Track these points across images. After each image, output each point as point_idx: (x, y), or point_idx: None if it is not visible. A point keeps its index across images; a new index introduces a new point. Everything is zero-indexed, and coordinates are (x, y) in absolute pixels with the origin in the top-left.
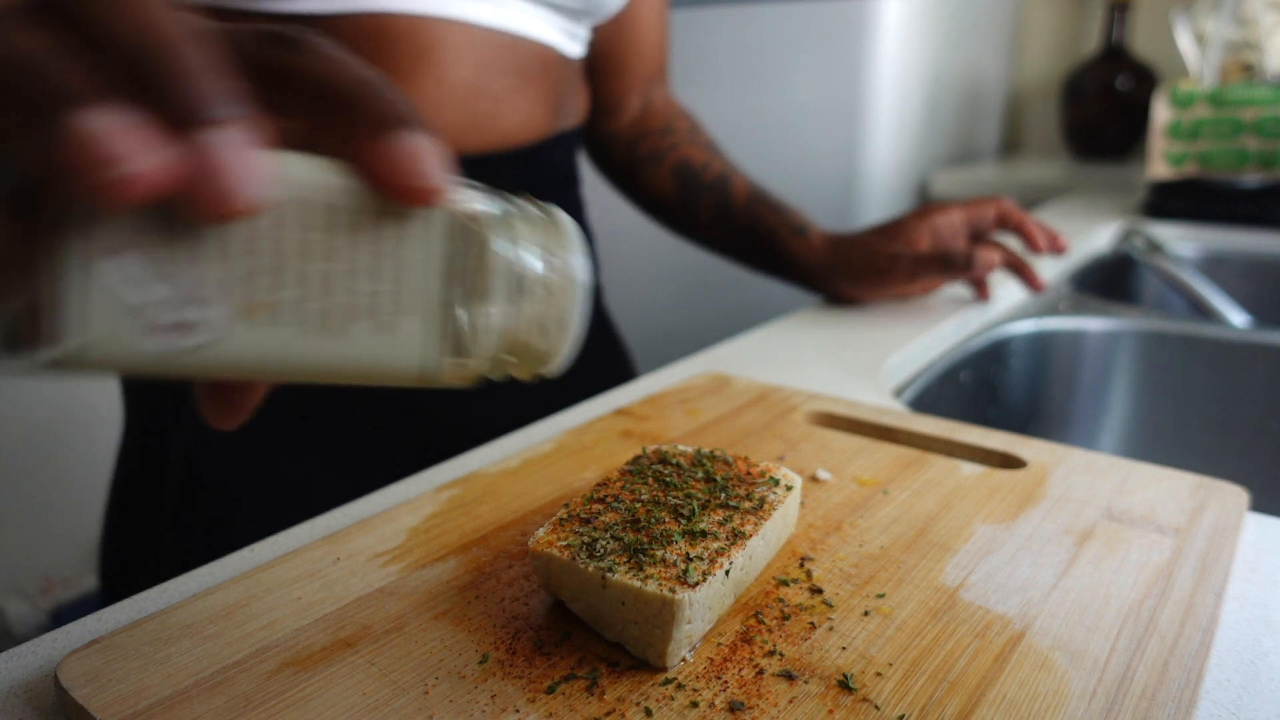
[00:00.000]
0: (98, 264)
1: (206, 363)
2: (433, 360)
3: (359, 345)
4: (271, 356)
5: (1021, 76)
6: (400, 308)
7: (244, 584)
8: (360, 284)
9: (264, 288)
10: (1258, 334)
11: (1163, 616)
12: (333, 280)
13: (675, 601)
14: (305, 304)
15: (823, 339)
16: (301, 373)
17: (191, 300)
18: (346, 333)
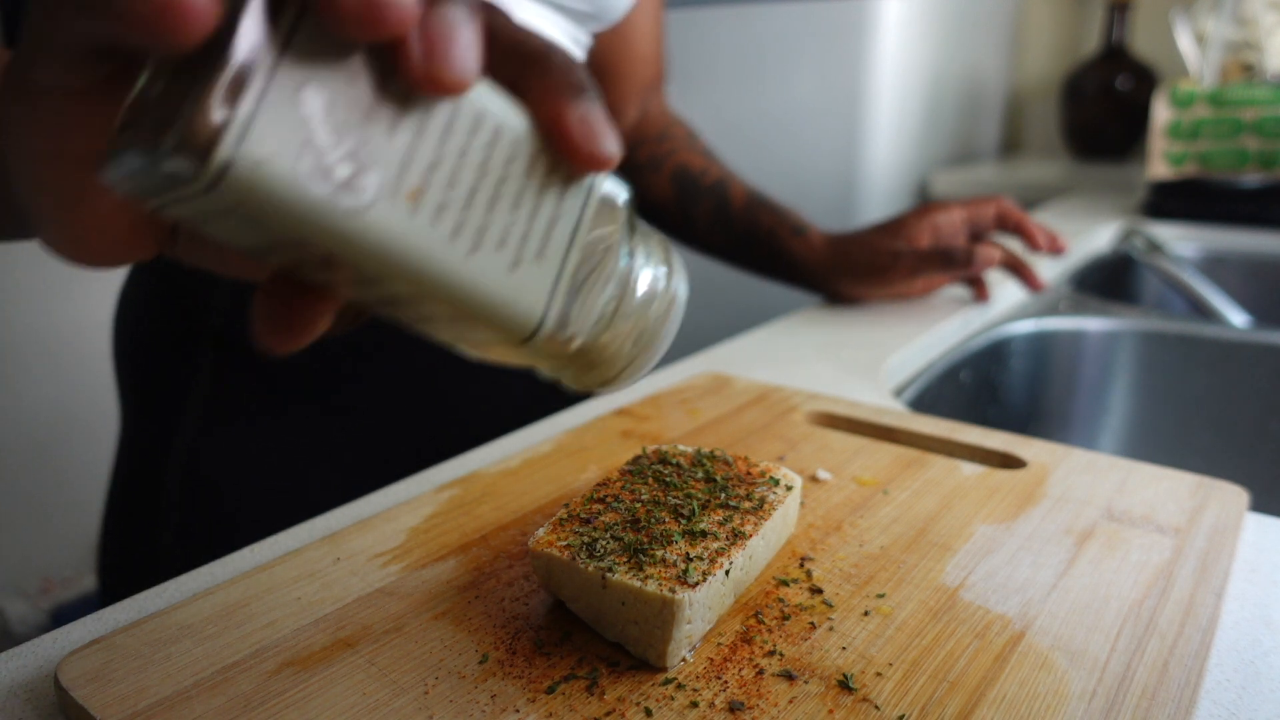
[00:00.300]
0: (306, 90)
1: (346, 230)
2: (542, 317)
3: (490, 274)
4: (407, 248)
5: (1021, 76)
6: (540, 256)
7: (244, 584)
8: (517, 220)
9: (436, 182)
10: (1258, 334)
11: (1163, 616)
12: (496, 204)
13: (675, 601)
14: (465, 213)
15: (823, 339)
16: (422, 279)
17: (366, 162)
18: (485, 257)
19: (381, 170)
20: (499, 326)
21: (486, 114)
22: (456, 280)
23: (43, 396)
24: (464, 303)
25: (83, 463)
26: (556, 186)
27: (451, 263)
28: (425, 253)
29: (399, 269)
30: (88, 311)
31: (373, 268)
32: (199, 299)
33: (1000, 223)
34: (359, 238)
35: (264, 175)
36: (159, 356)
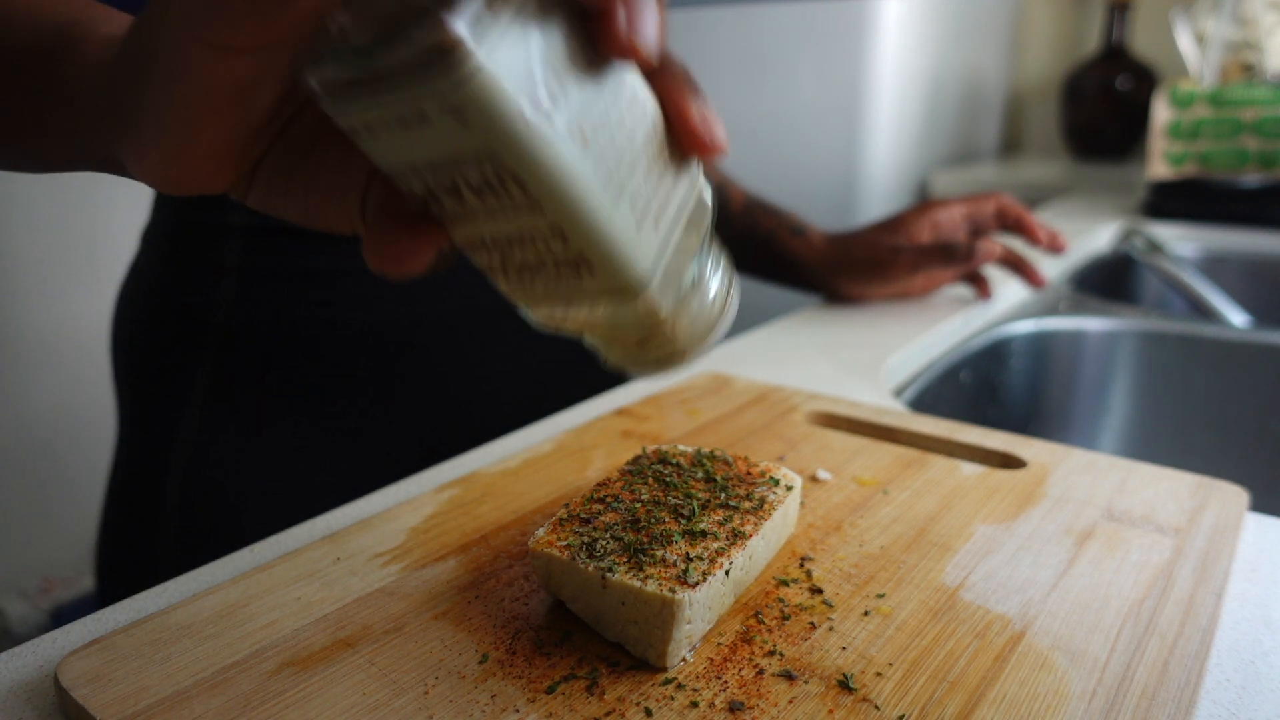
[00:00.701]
0: (533, 28)
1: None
2: (650, 272)
3: (623, 225)
4: (566, 182)
5: (1021, 76)
6: (657, 225)
7: (244, 584)
8: (644, 185)
9: (602, 135)
10: (1258, 334)
11: (1163, 616)
12: (635, 169)
13: (675, 601)
14: (615, 167)
15: (823, 339)
16: (573, 212)
17: (552, 88)
18: (623, 210)
19: (568, 112)
20: (615, 273)
21: (640, 93)
22: (597, 220)
23: (43, 397)
24: (595, 241)
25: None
26: (674, 170)
27: (600, 205)
28: (584, 188)
29: (560, 196)
30: (88, 311)
31: (544, 189)
32: (203, 295)
33: (1000, 218)
34: (545, 158)
35: (498, 84)
36: (160, 354)
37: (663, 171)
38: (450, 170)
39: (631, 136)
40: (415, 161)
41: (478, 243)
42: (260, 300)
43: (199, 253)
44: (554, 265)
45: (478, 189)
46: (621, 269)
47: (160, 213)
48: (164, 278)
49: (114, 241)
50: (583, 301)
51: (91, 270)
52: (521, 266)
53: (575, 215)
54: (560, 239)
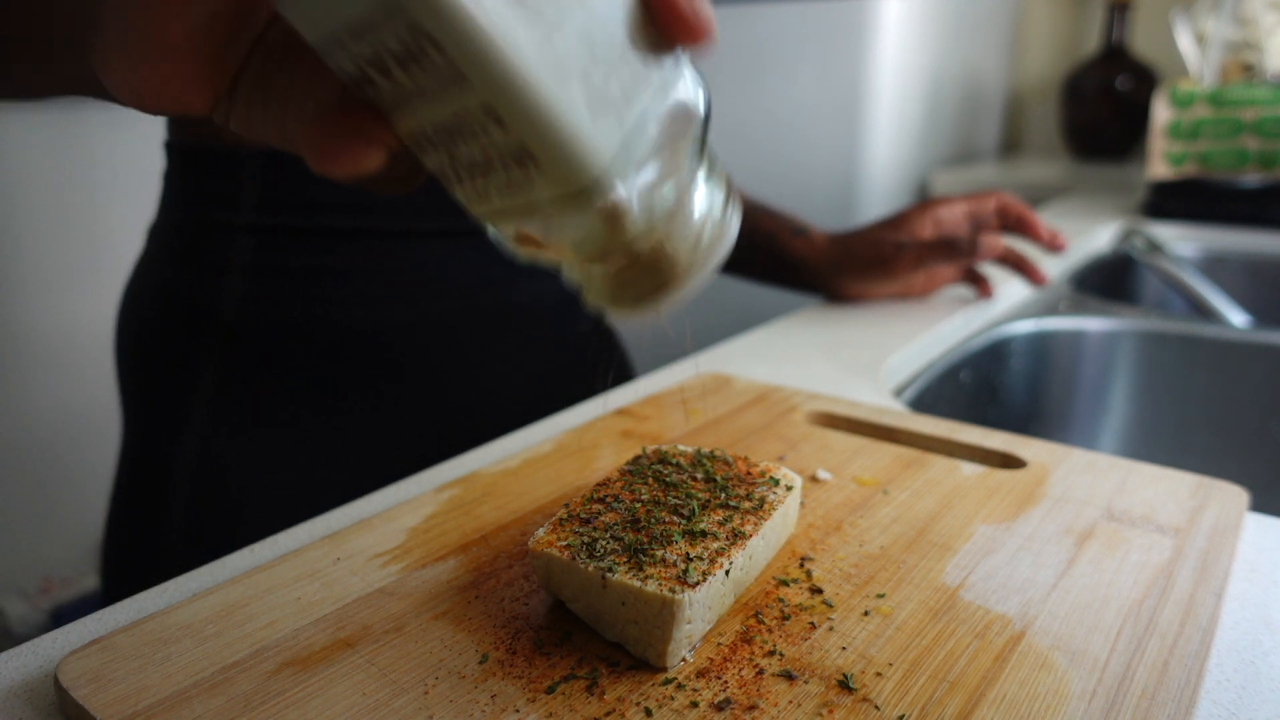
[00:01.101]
0: None
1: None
2: (608, 171)
3: (571, 106)
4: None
5: (1021, 76)
6: (618, 114)
7: (244, 584)
8: (607, 69)
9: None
10: (1258, 334)
11: (1163, 616)
12: (593, 44)
13: (675, 601)
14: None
15: (823, 339)
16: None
17: None
18: (571, 89)
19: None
20: (563, 167)
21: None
22: (534, 95)
23: (44, 396)
24: (535, 126)
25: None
26: (650, 56)
27: (536, 76)
28: (512, 51)
29: (483, 60)
30: (90, 310)
31: (463, 53)
32: (210, 292)
33: (1002, 216)
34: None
35: None
36: (166, 351)
37: (632, 55)
38: (370, 38)
39: (591, 10)
40: (336, 28)
41: (421, 138)
42: (267, 298)
43: (207, 250)
44: (500, 163)
45: (401, 60)
46: (571, 161)
47: (167, 210)
48: (171, 275)
49: (116, 240)
50: (539, 210)
51: (93, 269)
52: (470, 167)
53: (504, 86)
54: (497, 123)
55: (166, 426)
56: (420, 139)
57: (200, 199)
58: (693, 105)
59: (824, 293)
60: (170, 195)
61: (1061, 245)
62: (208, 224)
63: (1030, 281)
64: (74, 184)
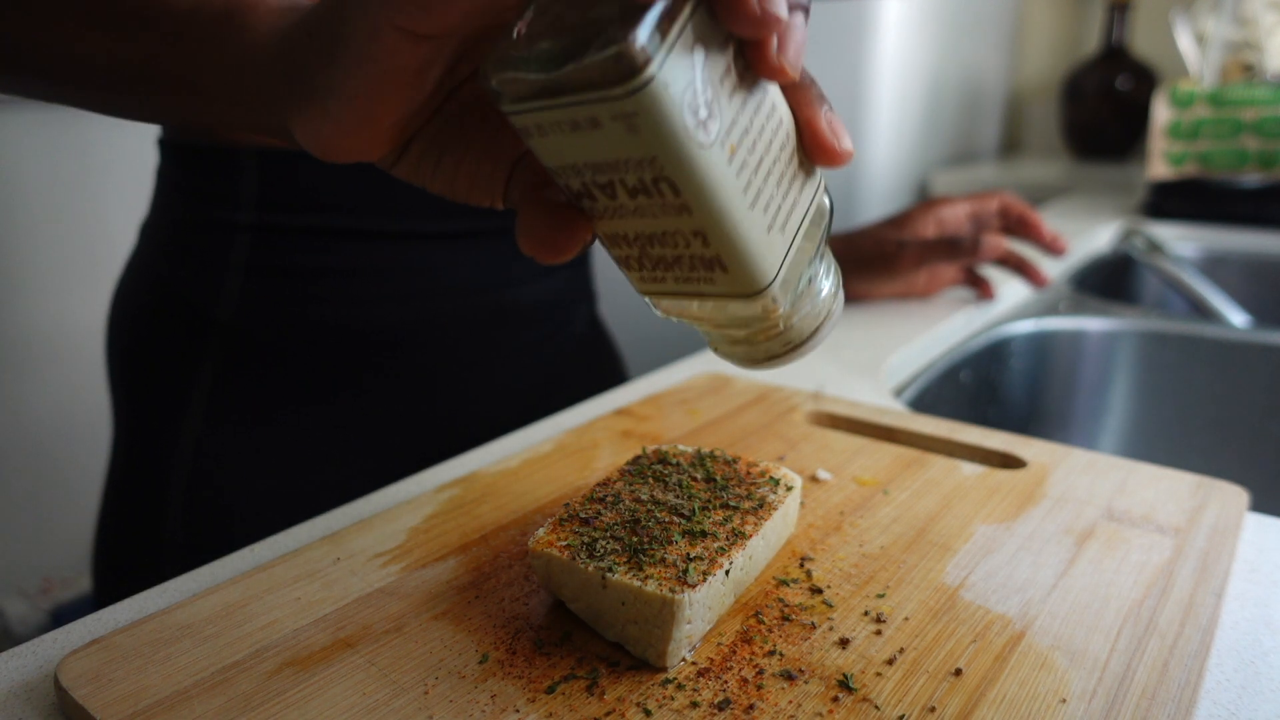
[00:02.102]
0: (698, 45)
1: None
2: (775, 279)
3: (756, 228)
4: (713, 188)
5: (1021, 76)
6: (783, 229)
7: (244, 584)
8: (776, 192)
9: (744, 145)
10: (1258, 334)
11: (1163, 616)
12: (770, 177)
13: (675, 601)
14: (753, 175)
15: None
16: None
17: (715, 113)
18: (756, 214)
19: (720, 123)
20: (744, 274)
21: (778, 106)
22: (734, 224)
23: (43, 396)
24: (731, 245)
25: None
26: (802, 178)
27: (738, 209)
28: (728, 193)
29: (707, 201)
30: (88, 310)
31: (692, 193)
32: (208, 291)
33: (1003, 216)
34: (698, 167)
35: (666, 96)
36: (162, 350)
37: (793, 179)
38: (610, 172)
39: (769, 147)
40: (578, 162)
41: (620, 237)
42: (266, 298)
43: (202, 248)
44: (689, 262)
45: (632, 190)
46: (751, 270)
47: (163, 208)
48: (165, 273)
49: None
50: (709, 297)
51: (91, 269)
52: (657, 261)
53: (719, 219)
54: (701, 240)
55: (160, 426)
56: (617, 238)
57: (196, 196)
58: (826, 206)
59: None
60: (165, 193)
61: (1063, 248)
62: (203, 222)
63: (1031, 283)
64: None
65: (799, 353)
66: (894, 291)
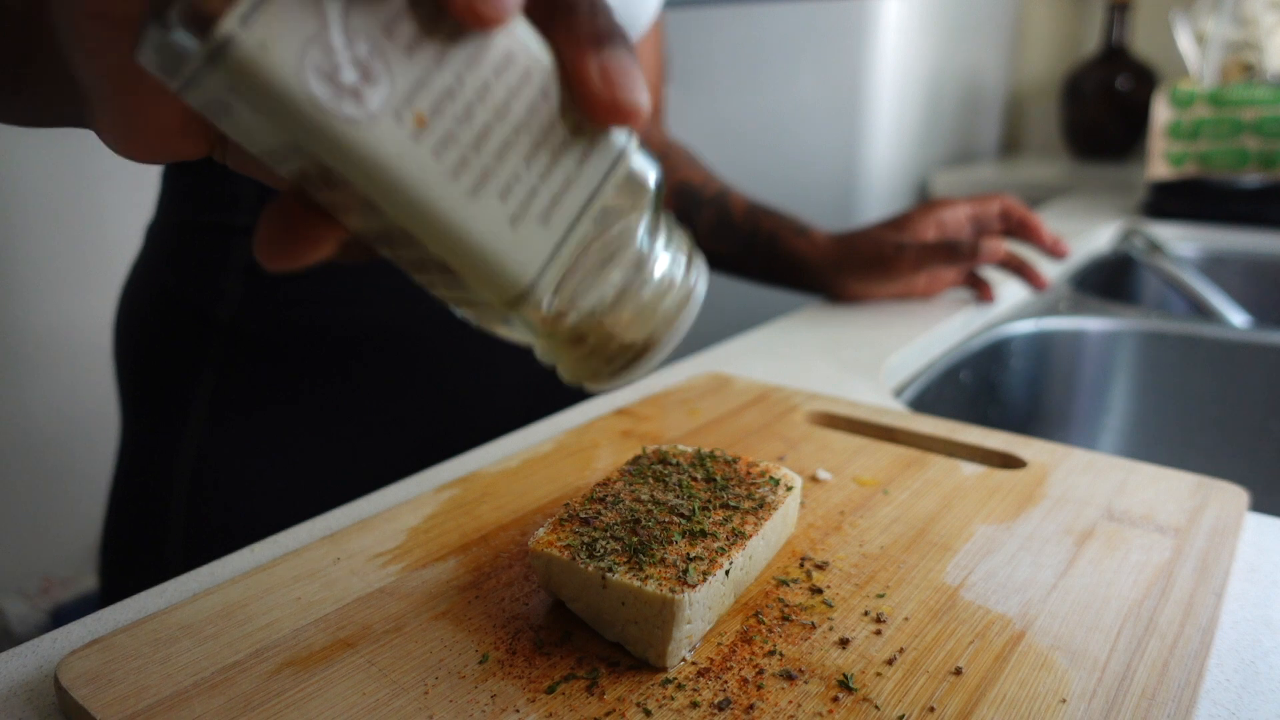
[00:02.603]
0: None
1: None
2: (534, 281)
3: (487, 222)
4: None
5: (1021, 76)
6: (545, 217)
7: (244, 584)
8: (528, 173)
9: (448, 113)
10: (1258, 334)
11: (1163, 616)
12: (509, 151)
13: (675, 601)
14: (473, 152)
15: (823, 339)
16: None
17: (377, 74)
18: (486, 203)
19: (390, 86)
20: (486, 280)
21: (517, 55)
22: (450, 220)
23: (43, 397)
24: (454, 246)
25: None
26: (579, 148)
27: (449, 200)
28: (421, 182)
29: (392, 194)
30: (88, 311)
31: (365, 187)
32: (210, 292)
33: (1004, 219)
34: (354, 149)
35: (265, 59)
36: (166, 351)
37: (561, 150)
38: (289, 164)
39: (502, 110)
40: (259, 149)
41: (365, 236)
42: (268, 298)
43: (206, 250)
44: (433, 267)
45: (323, 181)
46: (493, 274)
47: (166, 210)
48: (170, 275)
49: (115, 240)
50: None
51: (92, 269)
52: (412, 265)
53: (413, 214)
54: (417, 241)
55: (165, 427)
56: (365, 237)
57: (197, 199)
58: (640, 183)
59: (825, 293)
60: (168, 195)
61: (1064, 252)
62: (204, 224)
63: (1031, 286)
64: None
65: (634, 368)
66: (893, 293)
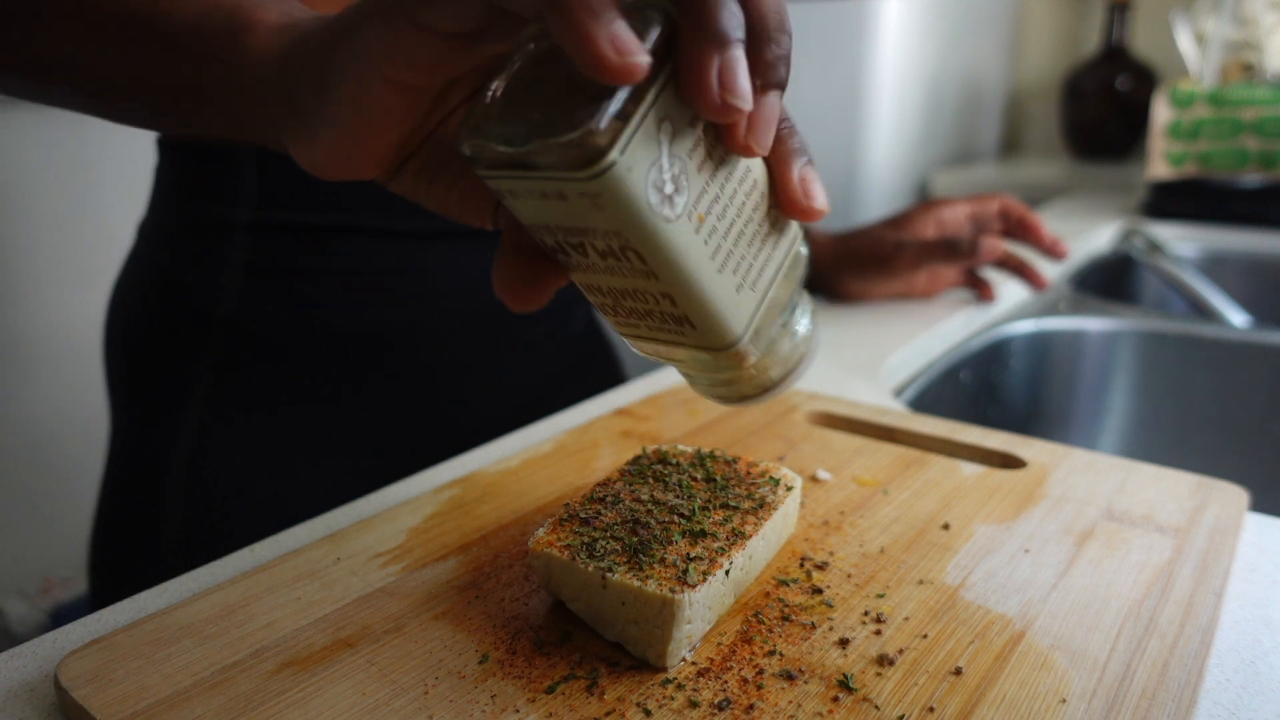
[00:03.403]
0: (663, 126)
1: (654, 231)
2: (742, 333)
3: (724, 290)
4: (684, 254)
5: (1021, 76)
6: (752, 283)
7: (244, 584)
8: (748, 252)
9: (708, 204)
10: (1258, 334)
11: (1163, 616)
12: (741, 237)
13: (675, 601)
14: (723, 239)
15: (823, 339)
16: (682, 281)
17: (679, 183)
18: (726, 277)
19: (687, 196)
20: (712, 333)
21: (754, 170)
22: (703, 289)
23: (43, 397)
24: (699, 307)
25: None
26: (776, 234)
27: (705, 274)
28: (694, 261)
29: (673, 269)
30: (88, 311)
31: (654, 263)
32: (207, 289)
33: (1003, 218)
34: (660, 239)
35: (629, 180)
36: (161, 349)
37: (766, 235)
38: (580, 235)
39: (741, 211)
40: (550, 223)
41: (593, 288)
42: (264, 297)
43: (203, 247)
44: (660, 316)
45: (603, 253)
46: (719, 329)
47: (160, 207)
48: (165, 272)
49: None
50: (681, 347)
51: (92, 269)
52: (631, 312)
53: (684, 285)
54: (669, 300)
55: (159, 425)
56: (592, 289)
57: (194, 195)
58: (801, 260)
59: (825, 292)
60: (163, 191)
61: (1063, 252)
62: (202, 220)
63: (1031, 286)
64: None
65: (772, 393)
66: (894, 292)
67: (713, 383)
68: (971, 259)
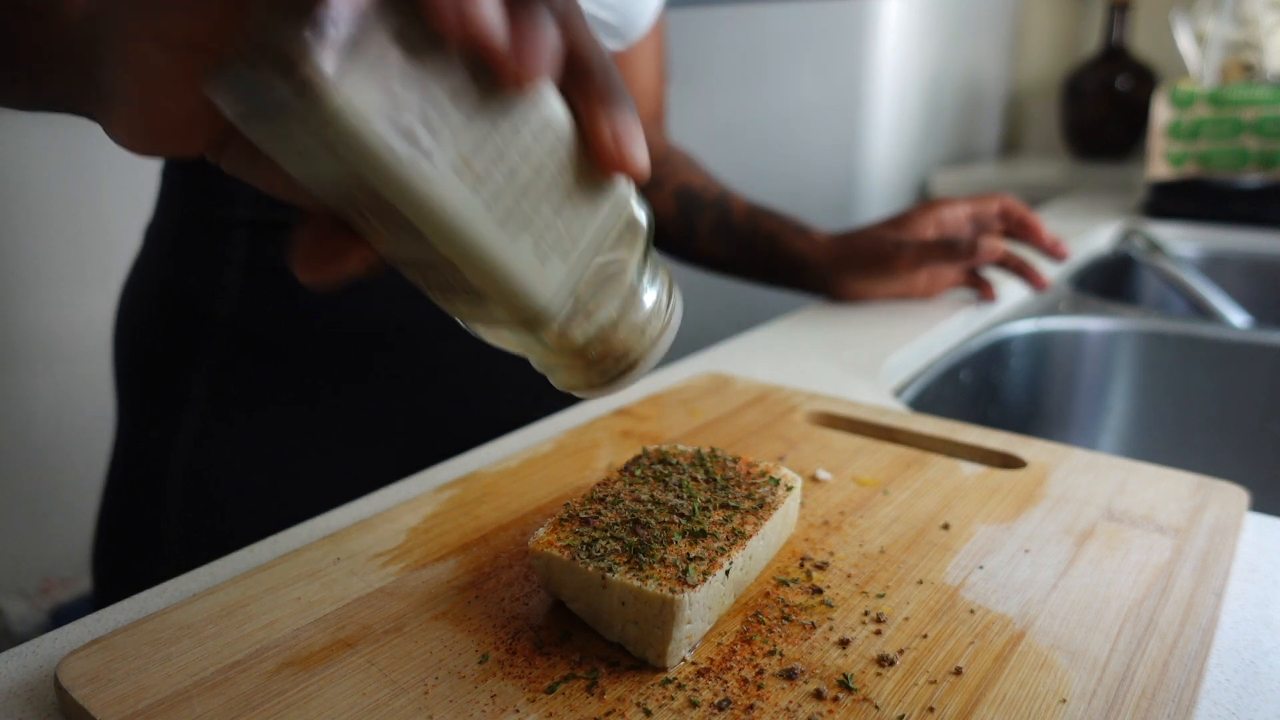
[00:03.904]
0: (394, 48)
1: (402, 178)
2: (554, 306)
3: (513, 253)
4: (450, 210)
5: (1021, 76)
6: (561, 249)
7: (244, 584)
8: (546, 209)
9: (485, 156)
10: (1258, 334)
11: (1163, 616)
12: (531, 192)
13: (675, 601)
14: (503, 191)
15: (823, 339)
16: (456, 242)
17: (432, 124)
18: (513, 238)
19: (453, 147)
20: (517, 308)
21: (554, 118)
22: (493, 257)
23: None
24: (495, 280)
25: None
26: (591, 193)
27: (492, 241)
28: (472, 225)
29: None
30: (88, 311)
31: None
32: (208, 288)
33: (1004, 218)
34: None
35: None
36: (164, 348)
37: (579, 196)
38: (346, 191)
39: (539, 167)
40: (317, 180)
41: (398, 260)
42: (266, 294)
43: (204, 246)
44: (463, 290)
45: (373, 211)
46: (521, 302)
47: (165, 208)
48: (168, 272)
49: (115, 240)
50: (503, 328)
51: (92, 269)
52: (439, 287)
53: (464, 251)
54: (455, 269)
55: (162, 424)
56: (397, 261)
57: (196, 193)
58: (637, 226)
59: (825, 292)
60: (167, 191)
61: (1064, 253)
62: (203, 219)
63: (1031, 286)
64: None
65: (623, 380)
66: (894, 292)
67: (552, 368)
68: (972, 259)
